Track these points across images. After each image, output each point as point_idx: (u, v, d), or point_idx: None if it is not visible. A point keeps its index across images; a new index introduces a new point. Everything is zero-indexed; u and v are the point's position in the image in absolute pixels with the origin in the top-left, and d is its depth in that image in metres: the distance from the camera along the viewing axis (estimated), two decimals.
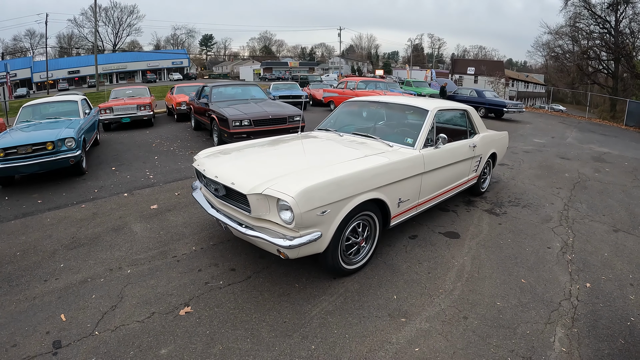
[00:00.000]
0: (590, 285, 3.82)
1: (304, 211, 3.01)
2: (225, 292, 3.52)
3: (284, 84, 21.53)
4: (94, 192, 6.49)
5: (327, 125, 5.43)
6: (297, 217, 3.00)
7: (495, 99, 20.29)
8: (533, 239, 4.84)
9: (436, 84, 31.29)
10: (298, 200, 2.98)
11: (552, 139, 14.02)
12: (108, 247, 4.43)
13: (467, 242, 4.68)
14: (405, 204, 4.16)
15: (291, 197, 2.98)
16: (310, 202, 3.05)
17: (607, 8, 36.09)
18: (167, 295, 3.47)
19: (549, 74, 59.00)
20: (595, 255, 4.49)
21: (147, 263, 4.05)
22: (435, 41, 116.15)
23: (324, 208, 3.16)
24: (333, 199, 3.22)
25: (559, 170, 8.66)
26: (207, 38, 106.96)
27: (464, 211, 5.69)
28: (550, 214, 5.77)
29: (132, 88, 16.50)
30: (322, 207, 3.14)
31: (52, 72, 56.80)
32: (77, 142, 7.03)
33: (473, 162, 5.62)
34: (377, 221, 3.89)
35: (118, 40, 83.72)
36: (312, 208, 3.07)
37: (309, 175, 3.32)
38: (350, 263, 3.78)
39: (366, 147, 4.32)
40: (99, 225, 5.05)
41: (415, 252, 4.37)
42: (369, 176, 3.56)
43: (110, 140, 11.48)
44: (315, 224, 3.17)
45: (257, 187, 3.21)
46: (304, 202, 3.01)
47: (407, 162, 4.06)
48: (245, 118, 8.84)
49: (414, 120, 4.91)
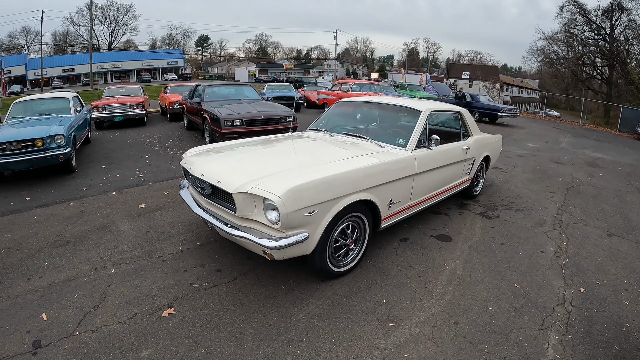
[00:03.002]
0: (584, 291, 3.75)
1: (291, 211, 2.91)
2: (210, 294, 3.42)
3: (278, 85, 21.46)
4: (82, 190, 6.37)
5: (319, 126, 5.34)
6: (283, 217, 2.90)
7: (490, 104, 20.33)
8: (526, 243, 4.76)
9: (431, 88, 31.22)
10: (284, 199, 2.88)
11: (546, 143, 14.02)
12: (94, 245, 4.32)
13: (459, 245, 4.59)
14: (396, 205, 4.07)
15: (277, 197, 2.88)
16: (297, 202, 2.95)
17: (602, 15, 36.21)
18: (151, 295, 3.37)
19: (543, 80, 59.24)
20: (589, 259, 4.42)
21: (132, 263, 3.94)
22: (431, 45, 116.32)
23: (312, 208, 3.06)
24: (321, 199, 3.12)
25: (552, 175, 8.62)
26: (203, 39, 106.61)
27: (456, 214, 5.61)
28: (544, 218, 5.70)
29: (125, 87, 16.35)
30: (309, 207, 3.04)
31: (46, 70, 56.27)
32: (66, 139, 6.91)
33: (466, 164, 5.54)
34: (367, 223, 3.79)
35: (114, 39, 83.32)
36: (299, 208, 2.97)
37: (297, 174, 3.23)
38: (338, 265, 3.68)
39: (357, 147, 4.24)
40: (86, 224, 4.93)
41: (406, 255, 4.28)
42: (359, 176, 3.47)
43: (102, 138, 11.38)
44: (302, 224, 3.07)
45: (243, 186, 3.11)
46: (291, 201, 2.91)
47: (399, 163, 3.97)
48: (237, 118, 8.75)
49: (406, 121, 4.84)
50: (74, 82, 61.76)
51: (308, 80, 40.03)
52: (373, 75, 70.44)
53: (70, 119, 8.09)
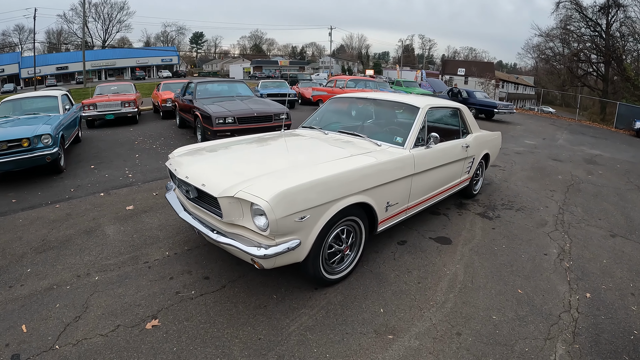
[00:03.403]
0: (590, 296, 3.58)
1: (280, 217, 2.70)
2: (196, 304, 3.22)
3: (273, 82, 21.23)
4: (70, 191, 6.17)
5: (312, 123, 5.14)
6: (272, 224, 2.70)
7: (486, 100, 20.20)
8: (529, 245, 4.58)
9: (427, 85, 31.05)
10: (273, 204, 2.67)
11: (544, 140, 13.88)
12: (78, 251, 4.12)
13: (460, 248, 4.40)
14: (394, 207, 3.87)
15: (265, 202, 2.67)
16: (288, 207, 2.75)
17: (599, 11, 36.20)
18: (135, 305, 3.17)
19: (538, 76, 59.25)
20: (593, 262, 4.25)
21: (116, 269, 3.74)
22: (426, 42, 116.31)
23: (303, 213, 2.86)
24: (314, 204, 2.91)
25: (551, 172, 8.46)
26: (197, 36, 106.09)
27: (455, 215, 5.42)
28: (545, 217, 5.53)
29: (117, 84, 16.13)
30: (300, 212, 2.83)
31: (40, 68, 55.93)
32: (54, 139, 6.70)
33: (466, 163, 5.35)
34: (363, 227, 3.59)
35: (108, 37, 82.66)
36: (290, 213, 2.76)
37: (287, 176, 3.02)
38: (333, 272, 3.48)
39: (352, 146, 4.03)
40: (71, 227, 4.74)
41: (404, 259, 4.08)
42: (354, 178, 3.26)
43: (93, 137, 11.17)
44: (293, 230, 2.86)
45: (229, 190, 2.90)
46: (280, 206, 2.70)
47: (397, 163, 3.77)
48: (230, 115, 8.52)
49: (404, 118, 4.64)
50: (68, 80, 61.25)
51: (303, 76, 39.74)
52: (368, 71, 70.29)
53: (58, 118, 7.92)
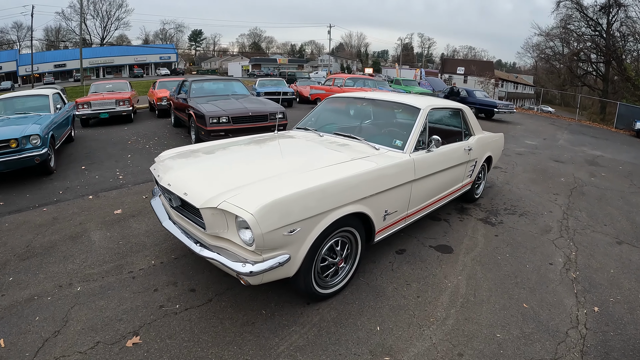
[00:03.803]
0: (598, 310, 3.37)
1: (267, 231, 2.48)
2: (180, 319, 3.01)
3: (270, 80, 20.97)
4: (58, 193, 5.97)
5: (307, 124, 4.91)
6: (257, 239, 2.47)
7: (486, 99, 20.03)
8: (533, 254, 4.37)
9: (426, 83, 30.78)
10: (259, 217, 2.44)
11: (544, 140, 13.70)
12: (62, 258, 3.93)
13: (461, 257, 4.19)
14: (393, 216, 3.64)
15: (250, 214, 2.44)
16: (275, 220, 2.52)
17: (599, 11, 35.93)
18: (116, 320, 2.98)
19: (538, 76, 59.05)
20: (600, 272, 4.05)
21: (99, 279, 3.54)
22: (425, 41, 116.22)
23: (293, 226, 2.63)
24: (304, 215, 2.69)
25: (554, 174, 8.26)
26: (196, 33, 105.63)
27: (456, 220, 5.21)
28: (550, 223, 5.32)
29: (112, 82, 15.91)
30: (290, 225, 2.61)
31: (38, 66, 55.74)
32: (42, 139, 6.50)
33: (468, 166, 5.13)
34: (359, 237, 3.36)
35: (106, 34, 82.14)
36: (277, 227, 2.54)
37: (276, 185, 2.79)
38: (326, 287, 3.26)
39: (348, 149, 3.80)
40: (57, 232, 4.55)
41: (402, 270, 3.86)
42: (350, 186, 3.03)
43: (86, 136, 10.96)
44: (281, 245, 2.65)
45: (212, 200, 2.68)
46: (267, 220, 2.48)
47: (396, 168, 3.53)
48: (224, 115, 8.30)
49: (404, 119, 4.40)
50: (66, 78, 60.92)
51: (301, 75, 39.51)
52: (367, 70, 70.26)
53: (49, 118, 7.71)
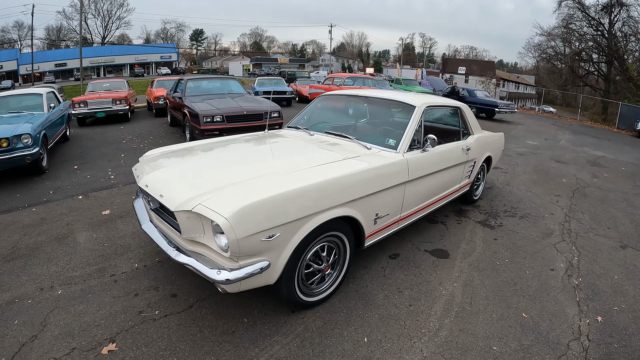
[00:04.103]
0: (601, 319, 3.18)
1: (242, 237, 2.30)
2: (159, 326, 2.85)
3: (270, 79, 20.78)
4: (49, 193, 5.86)
5: (299, 123, 4.72)
6: (232, 245, 2.29)
7: (487, 99, 19.85)
8: (534, 259, 4.17)
9: (427, 83, 30.54)
10: (234, 222, 2.26)
11: (546, 140, 13.49)
12: (46, 260, 3.81)
13: (458, 262, 3.98)
14: (384, 219, 3.45)
15: (224, 219, 2.26)
16: (252, 225, 2.34)
17: (601, 10, 35.64)
18: (94, 326, 2.84)
19: (539, 76, 58.74)
20: (604, 278, 3.85)
21: (81, 282, 3.41)
22: (427, 40, 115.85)
23: (272, 231, 2.45)
24: (285, 220, 2.50)
25: (555, 175, 8.06)
26: (197, 33, 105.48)
27: (454, 223, 5.01)
28: (551, 226, 5.13)
29: (110, 81, 15.86)
30: (268, 230, 2.42)
31: (39, 65, 55.59)
32: (34, 138, 6.40)
33: (466, 167, 4.94)
34: (347, 243, 3.17)
35: (107, 33, 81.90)
36: (254, 232, 2.35)
37: (256, 187, 2.60)
38: (311, 294, 3.07)
39: (338, 149, 3.61)
40: (44, 233, 4.43)
41: (395, 276, 3.66)
42: (337, 188, 2.84)
43: (82, 135, 10.85)
44: (260, 251, 2.46)
45: (187, 203, 2.50)
46: (243, 224, 2.30)
47: (388, 169, 3.34)
48: (218, 113, 8.11)
49: (398, 117, 4.20)
50: (67, 77, 60.81)
51: (301, 74, 39.37)
52: (368, 69, 70.15)
53: (41, 117, 7.63)
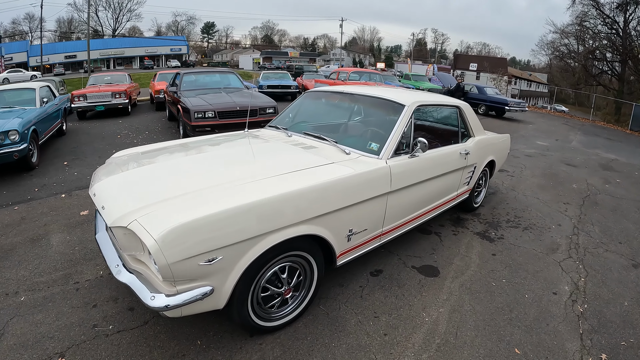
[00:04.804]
0: (606, 358, 2.74)
1: (174, 261, 1.93)
2: (110, 343, 2.61)
3: (275, 74, 20.42)
4: (34, 191, 5.72)
5: (282, 122, 4.31)
6: (163, 270, 1.93)
7: (497, 97, 19.30)
8: (535, 279, 3.73)
9: (436, 79, 29.89)
10: (163, 244, 1.90)
11: (556, 141, 12.95)
12: (17, 263, 3.67)
13: (448, 283, 3.54)
14: (361, 235, 3.03)
15: (153, 241, 1.90)
16: (186, 247, 1.97)
17: (616, 8, 34.59)
18: (47, 338, 2.67)
19: (552, 74, 57.67)
20: (613, 305, 3.40)
21: (45, 289, 3.24)
22: (439, 36, 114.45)
23: (212, 254, 2.07)
24: (228, 241, 2.12)
25: (565, 180, 7.59)
26: (209, 26, 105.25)
27: (449, 234, 4.58)
28: (557, 240, 4.67)
29: (111, 74, 15.73)
30: (207, 253, 2.05)
31: (48, 57, 55.83)
32: (22, 135, 6.28)
33: (465, 173, 4.50)
34: (314, 263, 2.77)
35: (118, 26, 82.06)
36: (189, 256, 1.98)
37: (197, 202, 2.21)
38: (270, 318, 2.68)
39: (313, 154, 3.18)
40: (20, 234, 4.28)
41: (373, 297, 3.24)
42: (298, 202, 2.43)
43: (79, 129, 10.70)
44: (199, 276, 2.09)
45: (124, 218, 2.14)
46: (174, 247, 1.93)
47: (365, 177, 2.89)
48: (210, 109, 7.75)
49: (385, 117, 3.71)
50: (76, 69, 60.86)
51: (308, 68, 39.02)
52: (379, 65, 69.60)
53: (33, 112, 7.52)
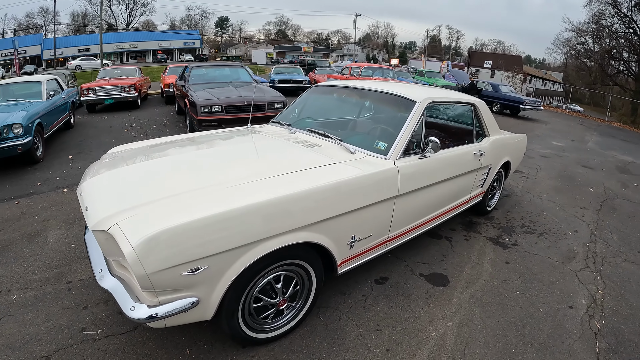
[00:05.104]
0: None
1: (153, 271, 1.76)
2: (96, 348, 2.49)
3: (287, 68, 20.24)
4: (36, 185, 5.69)
5: (286, 117, 4.10)
6: (141, 280, 1.76)
7: (512, 95, 18.92)
8: (550, 291, 3.48)
9: (450, 76, 29.41)
10: (140, 253, 1.73)
11: (572, 142, 12.57)
12: (12, 260, 3.60)
13: (458, 293, 3.31)
14: (365, 242, 2.81)
15: (130, 249, 1.73)
16: (166, 257, 1.79)
17: (634, 7, 33.80)
18: (35, 340, 2.57)
19: (567, 73, 56.67)
20: (631, 321, 3.15)
21: (37, 288, 3.15)
22: (454, 33, 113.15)
23: (196, 264, 1.88)
24: (214, 250, 1.92)
25: (581, 183, 7.29)
26: (222, 20, 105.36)
27: (461, 239, 4.35)
28: (574, 247, 4.42)
29: (121, 68, 15.74)
30: (190, 262, 1.86)
31: (62, 50, 56.47)
32: (25, 128, 6.28)
33: (479, 174, 4.25)
34: (312, 272, 2.56)
35: (132, 20, 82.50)
36: (170, 265, 1.80)
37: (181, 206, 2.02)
38: (263, 330, 2.49)
39: (314, 153, 2.96)
40: (19, 229, 4.23)
41: (377, 308, 3.03)
42: (293, 208, 2.22)
43: (87, 123, 10.68)
44: (184, 286, 1.92)
45: (105, 221, 1.97)
46: (153, 256, 1.76)
47: (371, 180, 2.67)
48: (217, 103, 7.57)
49: (394, 114, 3.47)
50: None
51: (321, 63, 38.73)
52: (393, 61, 69.09)
53: (38, 105, 7.46)
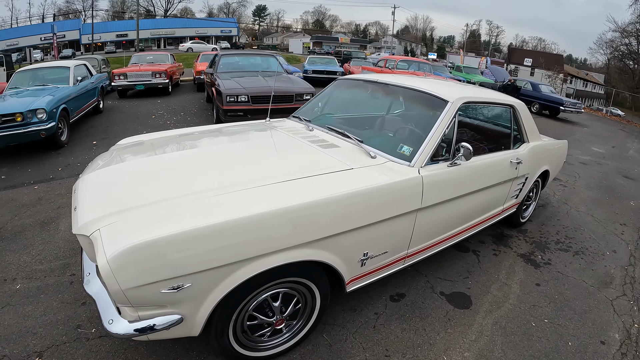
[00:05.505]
0: None
1: (128, 287, 1.60)
2: (88, 348, 2.42)
3: (321, 59, 19.99)
4: (57, 170, 5.78)
5: (306, 112, 3.85)
6: (115, 295, 1.61)
7: (552, 95, 18.10)
8: (582, 322, 3.10)
9: (489, 73, 28.25)
10: (114, 267, 1.57)
11: (613, 149, 11.86)
12: (23, 247, 3.60)
13: (480, 318, 2.98)
14: (379, 259, 2.52)
15: (104, 261, 1.57)
16: (143, 273, 1.62)
17: None
18: (31, 334, 2.55)
19: (609, 75, 54.23)
20: None
21: (41, 278, 3.13)
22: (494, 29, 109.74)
23: (178, 281, 1.69)
24: (199, 267, 1.72)
25: (622, 195, 6.76)
26: (260, 9, 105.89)
27: (489, 254, 3.99)
28: (611, 271, 3.98)
29: (153, 54, 16.04)
30: (171, 280, 1.68)
31: (100, 35, 58.15)
32: (49, 113, 6.38)
33: (514, 184, 3.83)
34: (316, 291, 2.32)
35: (170, 6, 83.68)
36: (147, 282, 1.63)
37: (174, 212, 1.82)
38: (257, 348, 2.27)
39: (330, 155, 2.64)
40: (34, 215, 4.27)
41: (389, 329, 2.75)
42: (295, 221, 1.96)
43: (116, 108, 10.87)
44: (165, 303, 1.74)
45: (88, 225, 1.82)
46: (128, 271, 1.59)
47: (390, 191, 2.34)
48: (243, 93, 7.39)
49: (423, 115, 3.12)
50: (128, 48, 62.53)
51: (357, 54, 38.24)
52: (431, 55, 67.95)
53: (64, 90, 7.61)
